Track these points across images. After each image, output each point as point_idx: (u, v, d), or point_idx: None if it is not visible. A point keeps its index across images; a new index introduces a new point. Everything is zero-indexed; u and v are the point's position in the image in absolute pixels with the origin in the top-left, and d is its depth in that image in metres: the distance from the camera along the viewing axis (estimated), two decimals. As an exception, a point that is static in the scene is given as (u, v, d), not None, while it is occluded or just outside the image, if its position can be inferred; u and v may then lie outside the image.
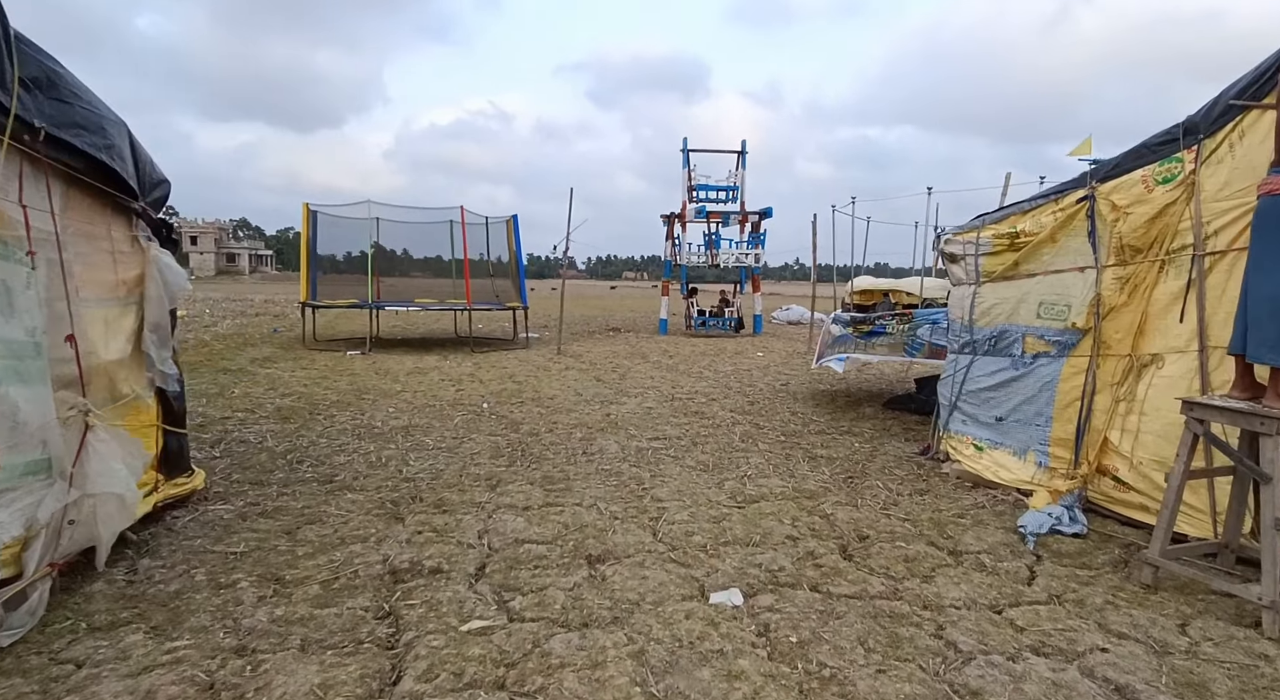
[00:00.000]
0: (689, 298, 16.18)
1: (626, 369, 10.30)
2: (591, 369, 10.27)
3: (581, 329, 17.88)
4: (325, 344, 12.83)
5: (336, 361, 10.42)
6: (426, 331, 16.44)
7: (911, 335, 6.20)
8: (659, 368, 10.56)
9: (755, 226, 16.12)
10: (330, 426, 6.01)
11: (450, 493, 4.30)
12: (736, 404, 7.57)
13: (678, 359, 11.72)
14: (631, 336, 15.87)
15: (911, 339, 6.20)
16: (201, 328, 15.62)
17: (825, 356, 7.39)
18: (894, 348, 6.40)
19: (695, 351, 12.92)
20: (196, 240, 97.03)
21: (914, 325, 6.19)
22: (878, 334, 6.61)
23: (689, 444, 5.72)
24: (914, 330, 6.17)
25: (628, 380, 9.23)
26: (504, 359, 11.33)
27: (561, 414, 6.88)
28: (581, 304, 33.88)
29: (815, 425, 6.49)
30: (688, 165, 15.83)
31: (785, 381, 9.31)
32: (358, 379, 8.75)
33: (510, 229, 13.70)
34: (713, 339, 15.55)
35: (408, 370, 9.75)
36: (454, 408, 7.07)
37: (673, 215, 16.09)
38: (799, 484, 4.61)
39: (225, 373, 8.69)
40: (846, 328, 7.10)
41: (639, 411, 7.07)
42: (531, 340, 14.10)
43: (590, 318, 22.95)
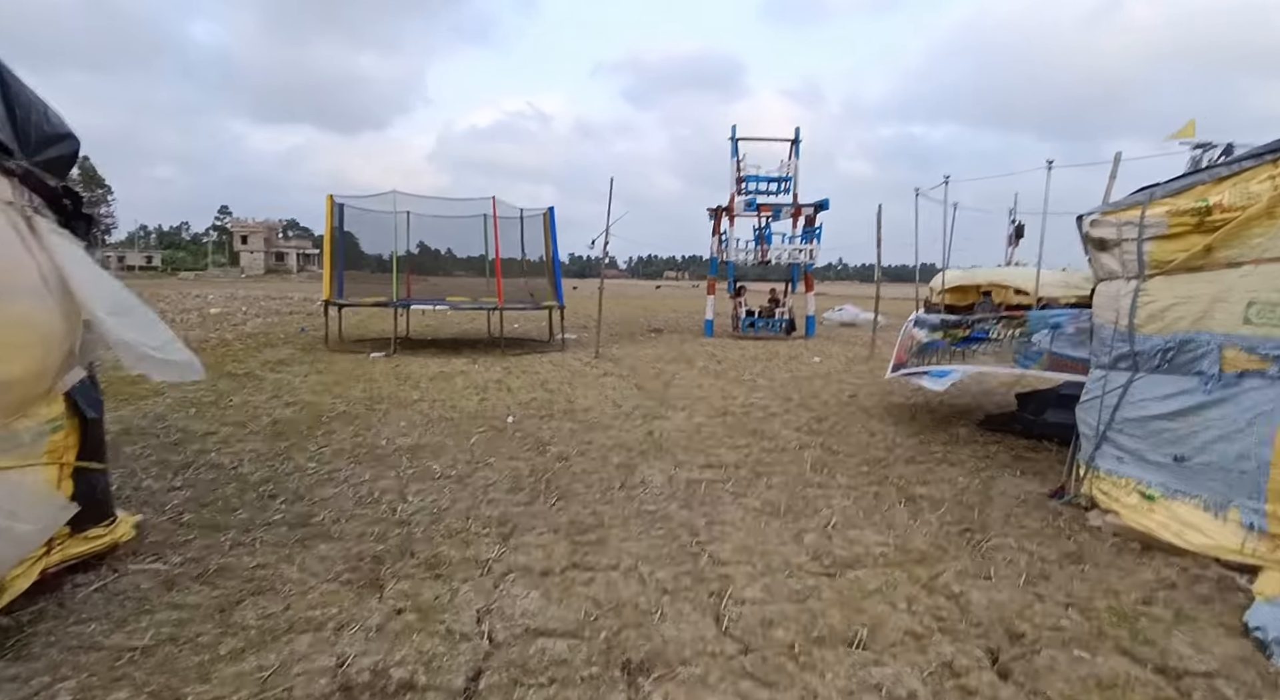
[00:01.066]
0: (736, 297, 15.08)
1: (671, 376, 9.27)
2: (632, 375, 9.28)
3: (622, 330, 16.92)
4: (351, 345, 12.12)
5: (357, 364, 9.64)
6: (459, 332, 15.69)
7: (1024, 342, 5.01)
8: (707, 374, 9.50)
9: (809, 220, 14.92)
10: (326, 446, 5.13)
11: (450, 545, 3.34)
12: (801, 421, 6.48)
13: (727, 364, 10.64)
14: (674, 338, 14.83)
15: (1024, 347, 5.01)
16: (229, 326, 15.13)
17: (908, 368, 6.23)
18: (1001, 357, 5.23)
19: (745, 356, 11.81)
20: (247, 239, 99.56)
21: (1028, 330, 5.00)
22: (978, 340, 5.43)
23: (750, 475, 4.66)
24: (1028, 336, 4.99)
25: (672, 389, 8.20)
26: (537, 363, 10.41)
27: (597, 431, 5.89)
28: (622, 303, 32.96)
29: (902, 450, 5.36)
30: (736, 155, 14.71)
31: (852, 392, 8.16)
32: (374, 385, 7.92)
33: (546, 223, 12.80)
34: (762, 342, 14.40)
35: (431, 375, 8.89)
36: (474, 422, 6.15)
37: (720, 209, 14.98)
38: (902, 539, 3.51)
39: (230, 377, 7.95)
40: (935, 332, 5.93)
41: (687, 429, 6.04)
42: (568, 342, 13.18)
43: (631, 318, 21.98)
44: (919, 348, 6.01)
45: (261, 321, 16.79)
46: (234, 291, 37.50)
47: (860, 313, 19.72)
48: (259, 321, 16.73)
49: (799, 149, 14.76)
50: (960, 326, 5.61)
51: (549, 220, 12.43)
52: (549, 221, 12.44)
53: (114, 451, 4.63)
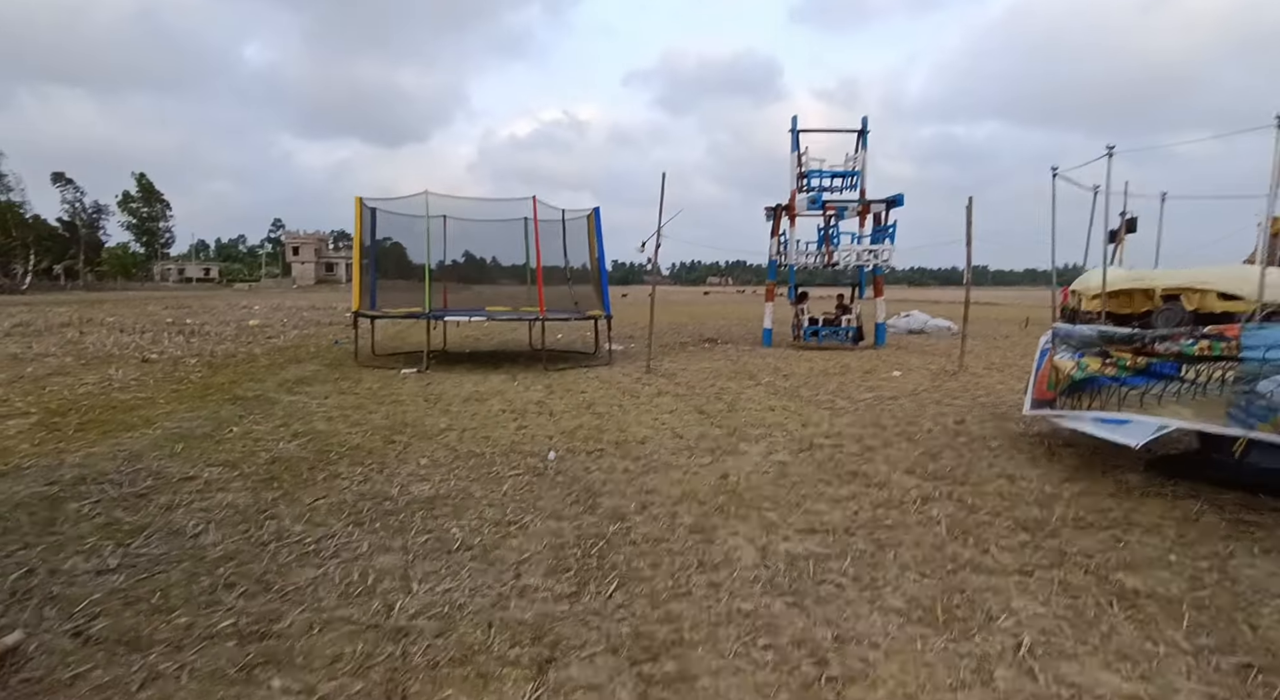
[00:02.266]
0: (798, 304, 13.79)
1: (735, 395, 8.08)
2: (690, 394, 8.12)
3: (672, 340, 15.77)
4: (382, 360, 11.26)
5: (385, 383, 8.71)
6: (499, 343, 14.77)
7: (1246, 391, 3.59)
8: (775, 393, 8.28)
9: (878, 218, 13.54)
10: (324, 497, 4.11)
11: (459, 684, 2.24)
12: (909, 458, 5.22)
13: (795, 380, 9.39)
14: (730, 349, 13.61)
15: (1247, 397, 3.59)
16: (263, 339, 14.51)
17: (1057, 408, 4.90)
18: (1205, 409, 3.80)
19: (813, 369, 10.53)
20: (299, 251, 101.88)
21: (1248, 369, 3.59)
22: (1161, 377, 4.05)
23: (871, 546, 3.46)
24: (1251, 379, 3.57)
25: (740, 412, 7.01)
26: (582, 380, 9.34)
27: (657, 474, 4.75)
28: (669, 311, 31.83)
29: (1063, 506, 4.07)
30: (796, 148, 13.44)
31: (957, 417, 6.84)
32: (399, 409, 6.94)
33: (591, 226, 11.76)
34: (828, 352, 13.07)
35: (464, 396, 7.89)
36: (508, 459, 5.08)
37: (779, 207, 13.72)
38: (1158, 688, 2.27)
39: (239, 401, 7.07)
40: (1094, 358, 4.56)
41: (769, 470, 4.86)
42: (615, 354, 12.09)
43: (680, 326, 20.82)
44: (1070, 384, 4.67)
45: (298, 334, 16.18)
46: (282, 302, 37.69)
47: (929, 319, 18.16)
48: (295, 334, 16.12)
49: (867, 140, 13.41)
50: (1134, 345, 4.26)
51: (594, 222, 11.39)
52: (594, 223, 11.39)
53: (51, 511, 3.69)
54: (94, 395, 7.34)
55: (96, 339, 13.55)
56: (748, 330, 18.87)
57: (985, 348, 13.85)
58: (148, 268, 78.67)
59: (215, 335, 15.15)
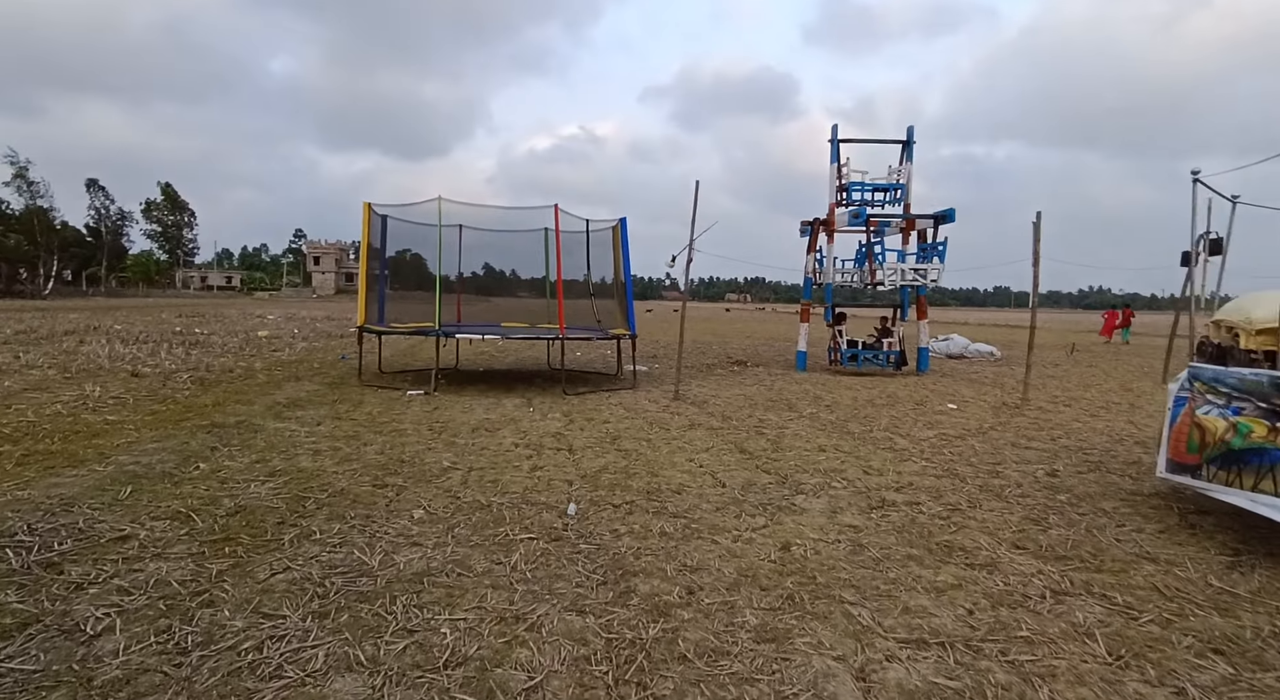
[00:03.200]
0: (835, 325, 12.82)
1: (778, 429, 7.14)
2: (726, 427, 7.19)
3: (697, 361, 14.84)
4: (388, 379, 10.45)
5: (387, 407, 7.87)
6: (516, 360, 13.93)
7: None
8: (823, 427, 7.32)
9: (922, 235, 12.56)
10: (284, 572, 3.23)
11: None
12: (1009, 524, 4.25)
13: (841, 412, 8.42)
14: (761, 373, 12.65)
15: None
16: (268, 352, 13.78)
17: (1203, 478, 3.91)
18: None
19: (858, 399, 9.55)
20: (319, 260, 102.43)
21: None
22: None
23: (1014, 678, 2.50)
24: None
25: (787, 451, 6.07)
26: (605, 406, 8.45)
27: (702, 540, 3.83)
28: (690, 328, 30.90)
29: (1252, 614, 3.08)
30: (836, 160, 12.52)
31: (1046, 466, 5.83)
32: (398, 441, 6.09)
33: (616, 237, 10.92)
34: (869, 378, 12.07)
35: (474, 424, 7.02)
36: (520, 513, 4.18)
37: (816, 222, 12.79)
38: None
39: (216, 429, 6.24)
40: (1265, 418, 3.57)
41: (839, 538, 3.91)
42: (639, 375, 11.19)
43: (704, 345, 19.89)
44: (1224, 452, 3.69)
45: (305, 347, 15.47)
46: (297, 311, 37.31)
47: (968, 343, 17.08)
48: (303, 347, 15.41)
49: (912, 152, 12.46)
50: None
51: (620, 233, 10.54)
52: (620, 235, 10.54)
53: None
54: (59, 417, 6.56)
55: (93, 349, 12.89)
56: (777, 351, 17.91)
57: (1039, 377, 12.77)
58: (170, 275, 79.22)
59: (219, 347, 14.46)
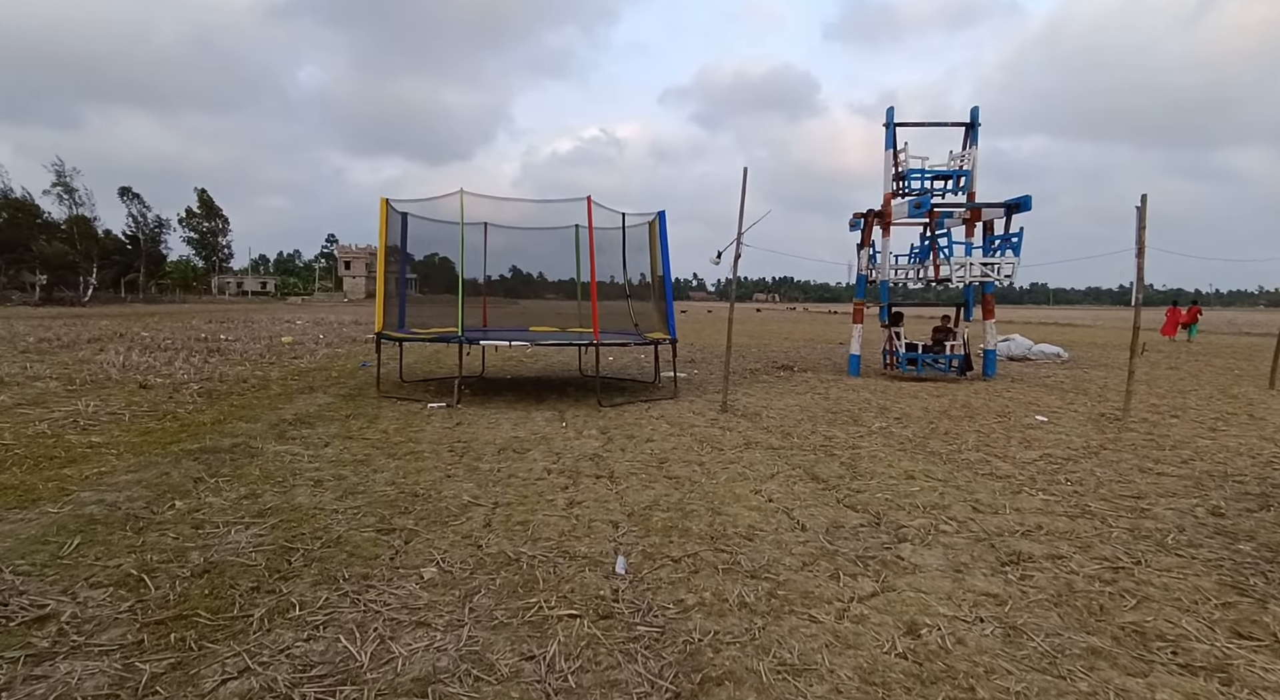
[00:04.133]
0: (892, 326, 11.73)
1: (849, 449, 6.15)
2: (788, 446, 6.23)
3: (739, 365, 13.86)
4: (409, 389, 9.69)
5: (405, 423, 7.07)
6: (545, 366, 13.09)
7: None
8: (901, 447, 6.31)
9: (989, 227, 11.41)
10: (236, 677, 2.36)
11: None
12: (1203, 589, 3.23)
13: (915, 425, 7.39)
14: (811, 379, 11.62)
15: None
16: (288, 359, 13.15)
17: None
18: None
19: (929, 409, 8.49)
20: (350, 265, 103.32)
21: None
22: None
23: None
24: None
25: (868, 479, 5.10)
26: (646, 420, 7.54)
27: (797, 615, 2.89)
28: (724, 330, 29.88)
29: None
30: (893, 145, 11.44)
31: (1204, 501, 4.76)
32: (414, 467, 5.25)
33: (654, 233, 10.01)
34: (932, 385, 10.98)
35: (500, 444, 6.17)
36: (556, 574, 3.29)
37: (870, 214, 11.72)
38: None
39: (206, 455, 5.44)
40: None
41: (982, 614, 2.94)
42: (679, 382, 10.24)
43: (741, 348, 18.87)
44: None
45: (327, 353, 14.83)
46: (326, 316, 37.09)
47: (1031, 344, 15.80)
48: (325, 353, 14.77)
49: (977, 135, 11.33)
50: None
51: (659, 228, 9.62)
52: (659, 230, 9.62)
53: None
54: (39, 439, 5.85)
55: (110, 358, 12.36)
56: (822, 354, 16.82)
57: (1119, 380, 11.54)
58: (207, 281, 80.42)
59: (239, 353, 13.88)
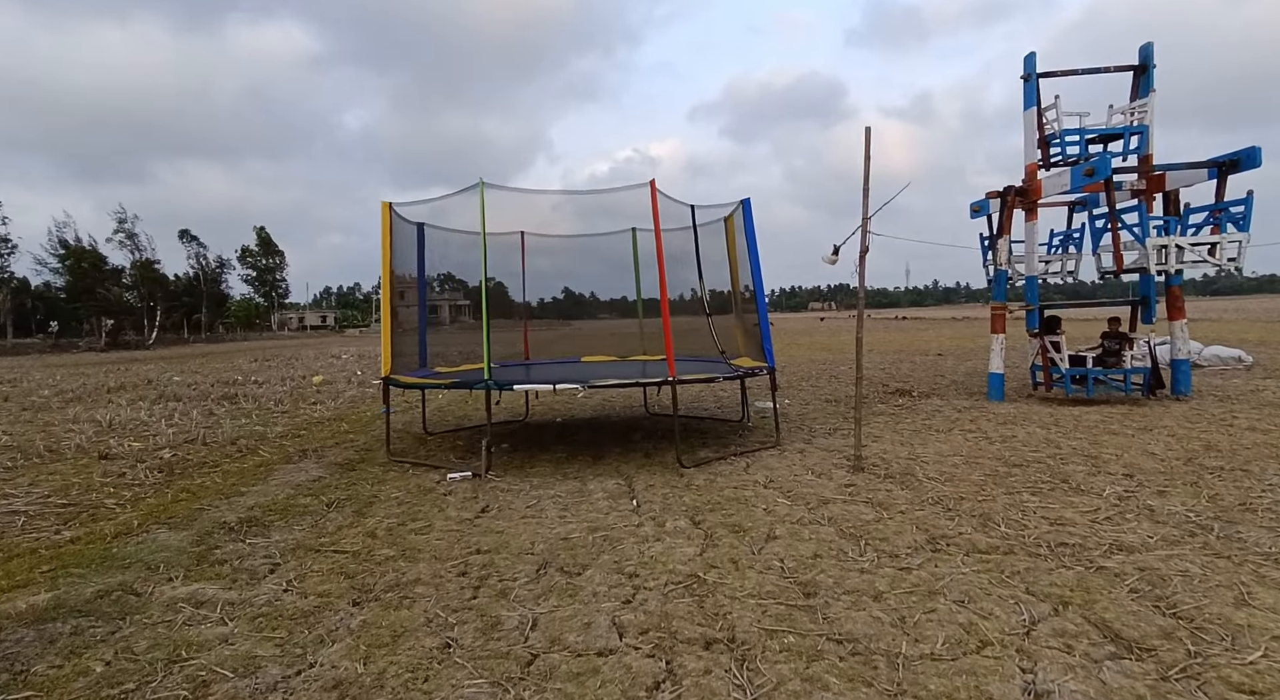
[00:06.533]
0: (1045, 334, 9.06)
1: (1120, 554, 3.65)
2: (1005, 545, 3.78)
3: (834, 390, 11.33)
4: (433, 445, 7.60)
5: (408, 511, 4.92)
6: (603, 400, 10.83)
7: None
8: (1188, 533, 3.78)
9: (1172, 200, 8.67)
10: None
11: None
12: None
13: (1176, 490, 4.81)
14: (944, 407, 9.03)
15: None
16: (307, 406, 11.29)
17: None
18: None
19: (1161, 456, 5.87)
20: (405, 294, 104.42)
21: None
22: None
23: None
24: None
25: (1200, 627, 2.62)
26: (748, 488, 5.20)
27: None
28: (796, 343, 27.22)
29: None
30: (1036, 102, 8.85)
31: None
32: (392, 624, 3.03)
33: (733, 230, 7.70)
34: (1112, 409, 8.26)
35: (541, 556, 3.93)
36: None
37: (1010, 192, 9.11)
38: None
39: (53, 620, 3.34)
40: None
41: None
42: (780, 418, 7.78)
43: (829, 365, 16.26)
44: None
45: (354, 395, 12.97)
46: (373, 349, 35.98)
47: (1202, 347, 12.72)
48: (352, 395, 12.91)
49: (1151, 79, 8.63)
50: None
51: (744, 220, 7.27)
52: (744, 222, 7.27)
53: None
54: None
55: (102, 415, 10.72)
56: (929, 370, 14.07)
57: (1369, 393, 8.56)
58: (267, 317, 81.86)
59: (256, 399, 12.13)
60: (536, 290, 10.67)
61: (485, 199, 6.35)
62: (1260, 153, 7.69)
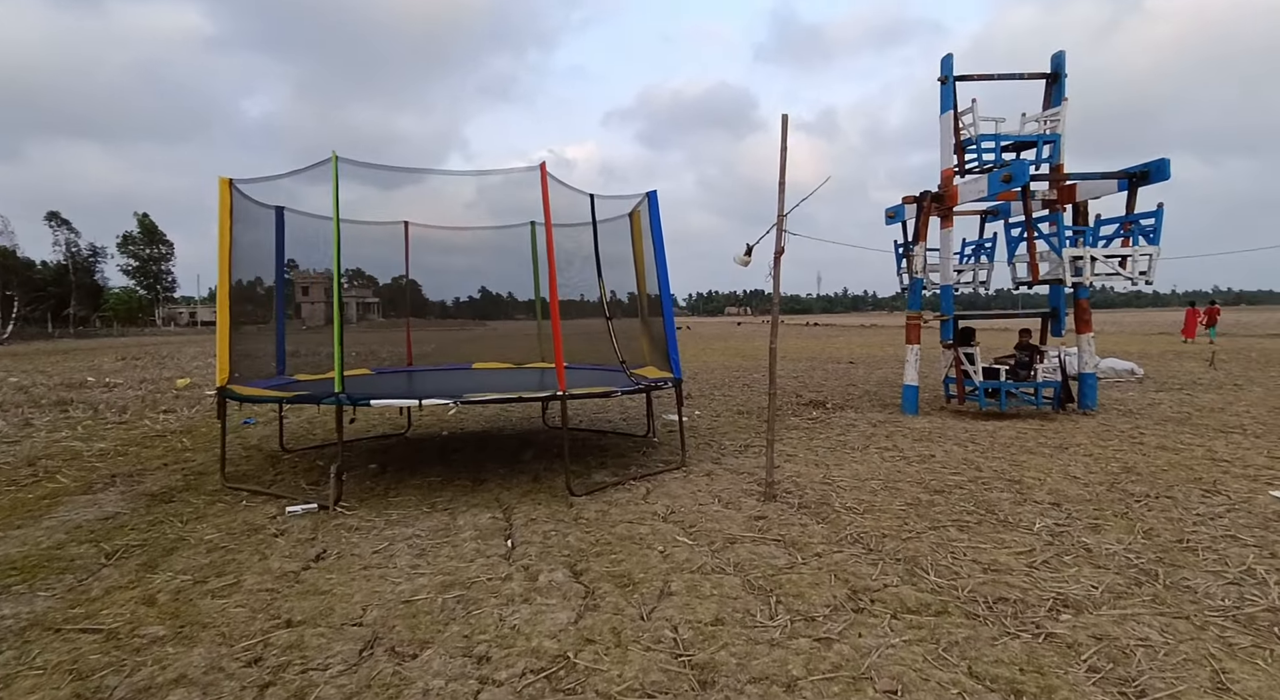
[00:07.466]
0: (959, 346, 8.80)
1: (1064, 611, 3.11)
2: (936, 601, 3.18)
3: (746, 399, 10.80)
4: (290, 465, 6.48)
5: (226, 552, 3.89)
6: (499, 411, 9.85)
7: None
8: (1133, 582, 3.30)
9: (1080, 210, 8.59)
10: None
11: None
12: None
13: (1107, 526, 4.40)
14: (858, 420, 8.61)
15: None
16: (154, 414, 9.78)
17: None
18: None
19: (1082, 480, 5.53)
20: (308, 290, 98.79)
21: None
22: None
23: None
24: None
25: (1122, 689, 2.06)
26: (646, 524, 4.45)
27: None
28: (711, 348, 26.90)
29: None
30: (953, 106, 8.58)
31: None
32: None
33: (640, 225, 6.97)
34: (1025, 423, 8.05)
35: (373, 622, 3.01)
36: None
37: (926, 198, 8.80)
38: None
39: None
40: None
41: None
42: (688, 433, 7.08)
43: (743, 372, 15.82)
44: None
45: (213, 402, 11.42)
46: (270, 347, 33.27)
47: (1117, 362, 12.99)
48: (213, 403, 11.38)
49: (1064, 88, 8.51)
50: None
51: (650, 215, 6.54)
52: (650, 218, 6.54)
53: None
54: None
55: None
56: (842, 379, 13.81)
57: (1250, 404, 8.75)
58: (152, 311, 75.23)
59: (95, 406, 10.45)
60: (452, 289, 10.06)
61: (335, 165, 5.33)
62: (1169, 165, 7.65)
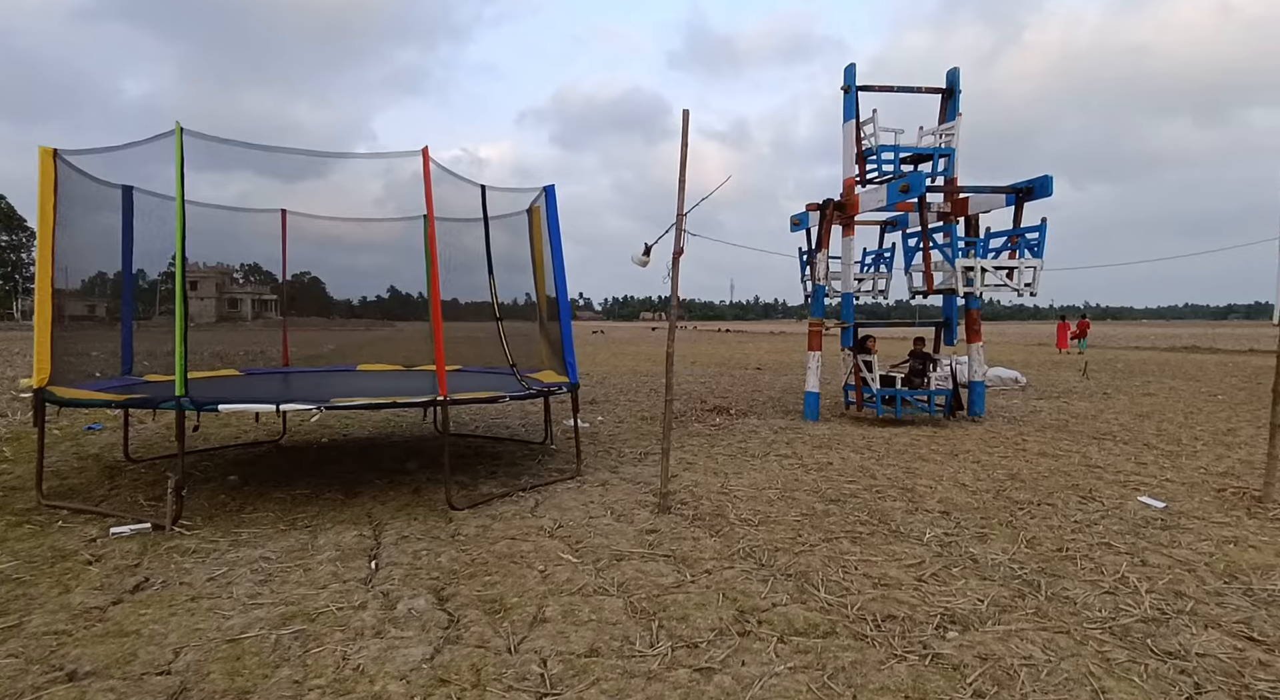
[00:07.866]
0: (858, 353, 8.93)
1: (953, 629, 3.00)
2: (825, 623, 3.01)
3: (648, 407, 10.61)
4: (135, 475, 5.72)
5: (17, 584, 3.25)
6: (387, 417, 9.20)
7: None
8: (1016, 594, 3.26)
9: (972, 224, 8.91)
10: None
11: None
12: None
13: (994, 535, 4.42)
14: (759, 426, 8.56)
15: None
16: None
17: None
18: None
19: (970, 487, 5.60)
20: (197, 285, 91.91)
21: None
22: None
23: None
24: None
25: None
26: (529, 542, 4.11)
27: None
28: (622, 353, 26.71)
29: None
30: (855, 115, 8.71)
31: None
32: None
33: (539, 221, 6.62)
34: (919, 431, 8.22)
35: (183, 669, 2.53)
36: None
37: (829, 205, 8.88)
38: None
39: None
40: None
41: None
42: (587, 441, 6.77)
43: (649, 377, 15.68)
44: None
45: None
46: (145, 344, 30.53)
47: (1003, 370, 13.62)
48: (58, 404, 10.11)
49: (958, 103, 8.80)
50: None
51: (547, 212, 6.20)
52: (547, 214, 6.20)
53: None
54: None
55: None
56: (749, 386, 13.88)
57: (1126, 413, 9.33)
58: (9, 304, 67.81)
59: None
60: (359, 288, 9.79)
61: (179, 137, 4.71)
62: (1052, 181, 8.03)
